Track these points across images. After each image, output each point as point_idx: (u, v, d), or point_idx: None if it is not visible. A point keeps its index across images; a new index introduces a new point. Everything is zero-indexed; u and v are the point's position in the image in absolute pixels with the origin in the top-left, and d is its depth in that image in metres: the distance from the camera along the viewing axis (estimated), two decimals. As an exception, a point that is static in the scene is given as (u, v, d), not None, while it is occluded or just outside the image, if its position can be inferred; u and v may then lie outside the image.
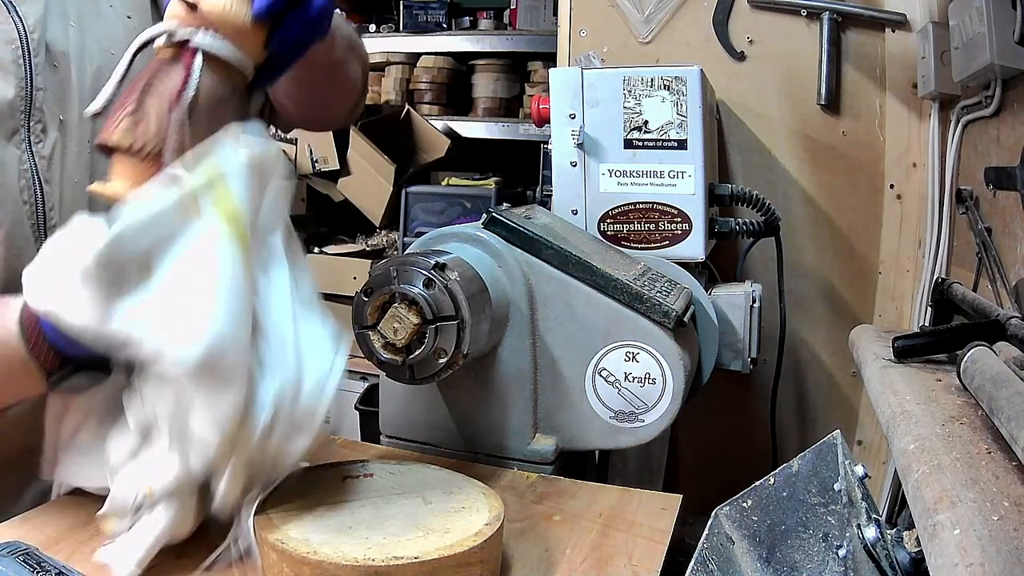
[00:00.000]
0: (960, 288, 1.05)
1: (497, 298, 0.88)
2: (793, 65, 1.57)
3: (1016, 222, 1.05)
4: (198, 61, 0.63)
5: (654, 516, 0.79)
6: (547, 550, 0.71)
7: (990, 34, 1.03)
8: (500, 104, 2.65)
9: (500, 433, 0.93)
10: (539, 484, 0.87)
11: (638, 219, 1.25)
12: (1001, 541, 0.45)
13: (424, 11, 2.68)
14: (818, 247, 1.61)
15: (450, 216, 2.34)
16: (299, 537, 0.60)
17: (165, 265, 0.60)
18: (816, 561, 0.64)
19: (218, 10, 0.63)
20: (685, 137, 1.23)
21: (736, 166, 1.63)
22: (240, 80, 0.67)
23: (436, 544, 0.60)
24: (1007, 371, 0.66)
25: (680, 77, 1.23)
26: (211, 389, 0.59)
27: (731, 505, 0.65)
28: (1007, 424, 0.58)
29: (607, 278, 0.91)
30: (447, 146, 2.50)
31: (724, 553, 0.61)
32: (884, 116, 1.54)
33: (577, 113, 1.26)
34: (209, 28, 0.64)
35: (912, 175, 1.53)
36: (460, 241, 0.92)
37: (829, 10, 1.52)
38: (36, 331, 0.64)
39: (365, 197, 2.48)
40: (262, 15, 0.65)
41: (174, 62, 0.64)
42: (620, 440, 0.93)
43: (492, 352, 0.92)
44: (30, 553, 0.58)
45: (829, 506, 0.66)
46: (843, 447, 0.67)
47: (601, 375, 0.92)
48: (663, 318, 0.90)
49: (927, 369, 0.87)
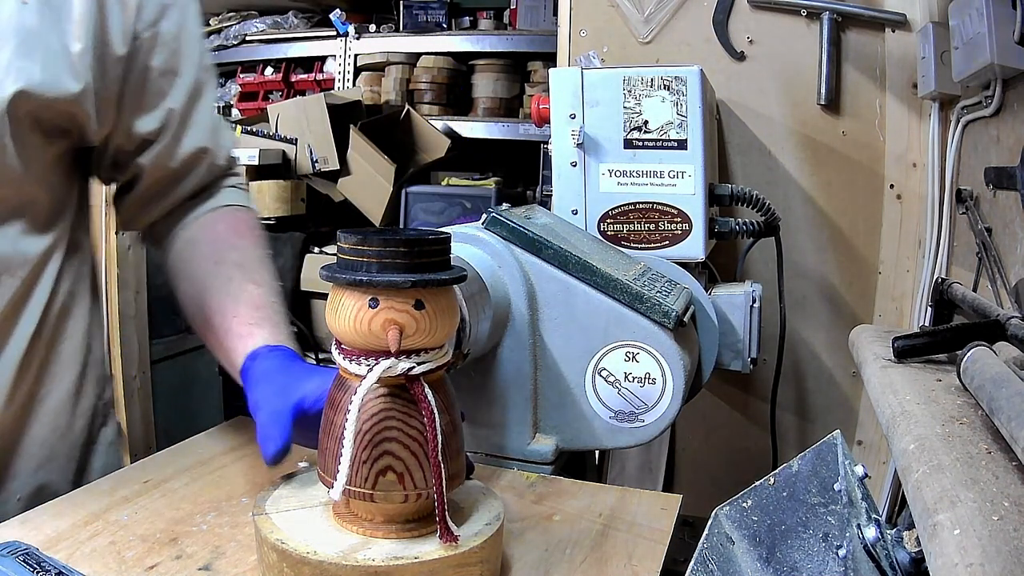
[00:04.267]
0: (960, 288, 1.05)
1: (497, 298, 0.88)
2: (793, 65, 1.57)
3: (1016, 222, 1.05)
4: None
5: (654, 516, 0.79)
6: (547, 550, 0.71)
7: (990, 34, 1.03)
8: (500, 104, 2.65)
9: (500, 433, 0.93)
10: (539, 484, 0.87)
11: (638, 219, 1.25)
12: (1001, 541, 0.45)
13: (424, 11, 2.68)
14: (818, 247, 1.61)
15: (450, 216, 2.35)
16: (299, 537, 0.60)
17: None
18: (816, 561, 0.64)
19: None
20: (685, 137, 1.23)
21: (736, 166, 1.63)
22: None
23: (436, 544, 0.60)
24: (1007, 371, 0.66)
25: (680, 77, 1.23)
26: None
27: (731, 505, 0.65)
28: (1007, 424, 0.58)
29: (607, 278, 0.91)
30: (447, 146, 2.51)
31: (724, 553, 0.61)
32: (884, 116, 1.55)
33: (577, 113, 1.26)
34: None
35: (912, 175, 1.53)
36: (460, 241, 0.92)
37: (829, 10, 1.52)
38: None
39: (365, 197, 2.48)
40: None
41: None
42: (620, 440, 0.93)
43: (492, 352, 0.92)
44: (30, 553, 0.58)
45: (829, 506, 0.66)
46: (843, 447, 0.67)
47: (601, 375, 0.92)
48: (663, 318, 0.90)
49: (927, 369, 0.87)
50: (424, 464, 0.60)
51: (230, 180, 0.98)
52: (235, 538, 0.70)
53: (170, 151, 0.88)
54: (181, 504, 0.76)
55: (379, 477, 0.59)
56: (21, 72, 0.72)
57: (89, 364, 0.92)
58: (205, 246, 0.90)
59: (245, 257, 0.89)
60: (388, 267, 0.58)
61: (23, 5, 0.73)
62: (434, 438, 0.59)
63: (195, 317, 0.88)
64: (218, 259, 0.88)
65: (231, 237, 0.91)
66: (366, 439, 0.59)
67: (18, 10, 0.73)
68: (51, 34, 0.74)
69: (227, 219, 0.93)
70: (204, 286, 0.86)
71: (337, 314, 0.59)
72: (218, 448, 0.90)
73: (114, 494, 0.77)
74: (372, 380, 0.58)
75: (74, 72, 0.76)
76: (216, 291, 0.85)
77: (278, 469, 0.69)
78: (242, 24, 2.98)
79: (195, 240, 0.91)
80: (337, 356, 0.61)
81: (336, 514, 0.64)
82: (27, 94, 0.73)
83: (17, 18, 0.73)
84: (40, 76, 0.73)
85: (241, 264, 0.87)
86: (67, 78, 0.76)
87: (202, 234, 0.91)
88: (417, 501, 0.61)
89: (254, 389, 0.74)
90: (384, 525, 0.62)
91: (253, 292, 0.85)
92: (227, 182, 0.97)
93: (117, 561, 0.65)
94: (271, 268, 0.90)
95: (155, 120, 0.86)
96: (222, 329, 0.82)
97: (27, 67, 0.73)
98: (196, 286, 0.87)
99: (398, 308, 0.58)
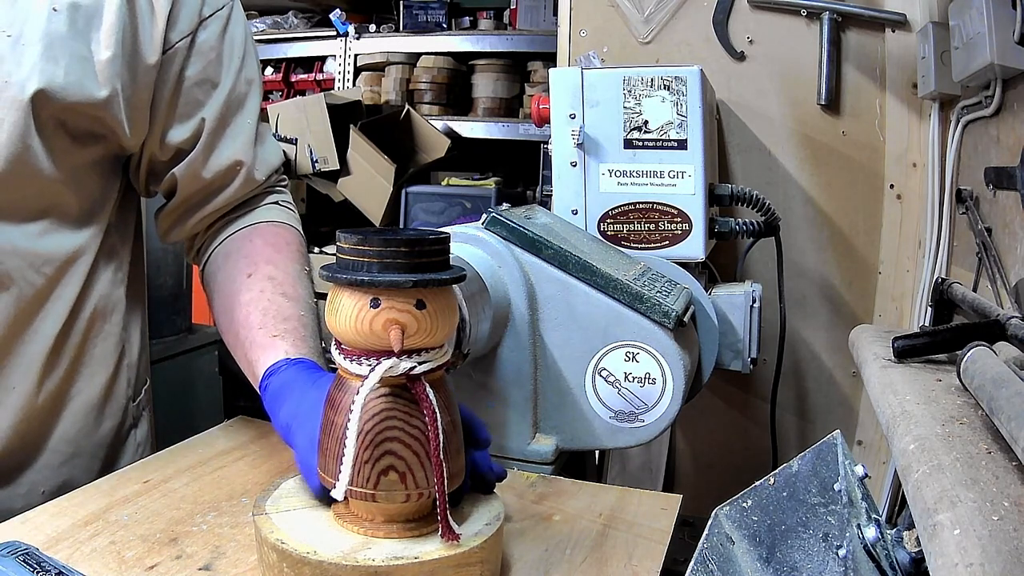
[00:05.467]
0: (960, 288, 1.05)
1: (497, 298, 0.88)
2: (793, 65, 1.57)
3: (1016, 222, 1.05)
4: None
5: (654, 516, 0.79)
6: (547, 550, 0.71)
7: (990, 34, 1.03)
8: (500, 104, 2.65)
9: (500, 433, 0.93)
10: (539, 484, 0.87)
11: (638, 219, 1.25)
12: (1001, 541, 0.45)
13: (424, 11, 2.68)
14: (818, 247, 1.61)
15: (450, 216, 2.35)
16: (299, 537, 0.60)
17: None
18: (816, 561, 0.64)
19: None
20: (685, 137, 1.23)
21: (736, 166, 1.63)
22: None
23: (436, 544, 0.60)
24: (1007, 371, 0.66)
25: (680, 77, 1.23)
26: None
27: (731, 505, 0.64)
28: (1007, 424, 0.58)
29: (607, 278, 0.91)
30: (447, 146, 2.51)
31: (724, 553, 0.61)
32: (884, 116, 1.55)
33: (577, 113, 1.26)
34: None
35: (912, 175, 1.53)
36: (460, 241, 0.92)
37: (829, 10, 1.52)
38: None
39: (365, 197, 2.48)
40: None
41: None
42: (620, 440, 0.93)
43: (492, 352, 0.92)
44: (30, 553, 0.58)
45: (829, 506, 0.66)
46: (843, 447, 0.67)
47: (601, 375, 0.92)
48: (663, 318, 0.90)
49: (927, 369, 0.87)
50: (426, 463, 0.60)
51: (273, 196, 0.97)
52: (235, 538, 0.70)
53: (202, 162, 0.88)
54: (181, 504, 0.76)
55: (381, 477, 0.59)
56: (43, 74, 0.73)
57: (122, 367, 0.93)
58: (240, 260, 0.89)
59: (279, 271, 0.87)
60: (389, 267, 0.58)
61: (54, 12, 0.74)
62: (436, 437, 0.59)
63: (226, 330, 0.87)
64: (251, 272, 0.87)
65: (267, 251, 0.90)
66: (368, 439, 0.59)
67: (48, 17, 0.74)
68: (79, 40, 0.75)
69: (265, 234, 0.92)
70: (235, 299, 0.85)
71: (337, 314, 0.59)
72: (218, 448, 0.90)
73: (114, 494, 0.77)
74: (375, 380, 0.58)
75: (101, 78, 0.77)
76: (245, 303, 0.84)
77: (277, 469, 0.69)
78: (242, 24, 2.98)
79: (230, 253, 0.90)
80: (337, 356, 0.61)
81: (336, 514, 0.64)
82: (48, 95, 0.74)
83: (47, 24, 0.74)
84: (63, 79, 0.74)
85: (273, 277, 0.86)
86: (92, 83, 0.76)
87: (238, 248, 0.90)
88: (419, 500, 0.61)
89: (280, 408, 0.72)
90: (385, 525, 0.62)
91: (282, 304, 0.83)
92: (270, 198, 0.97)
93: (117, 561, 0.65)
94: (307, 284, 0.89)
95: (187, 130, 0.86)
96: (247, 341, 0.81)
97: (50, 69, 0.74)
98: (227, 299, 0.87)
99: (400, 308, 0.58)
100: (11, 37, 0.73)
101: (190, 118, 0.86)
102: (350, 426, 0.58)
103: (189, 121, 0.86)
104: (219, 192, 0.91)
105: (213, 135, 0.87)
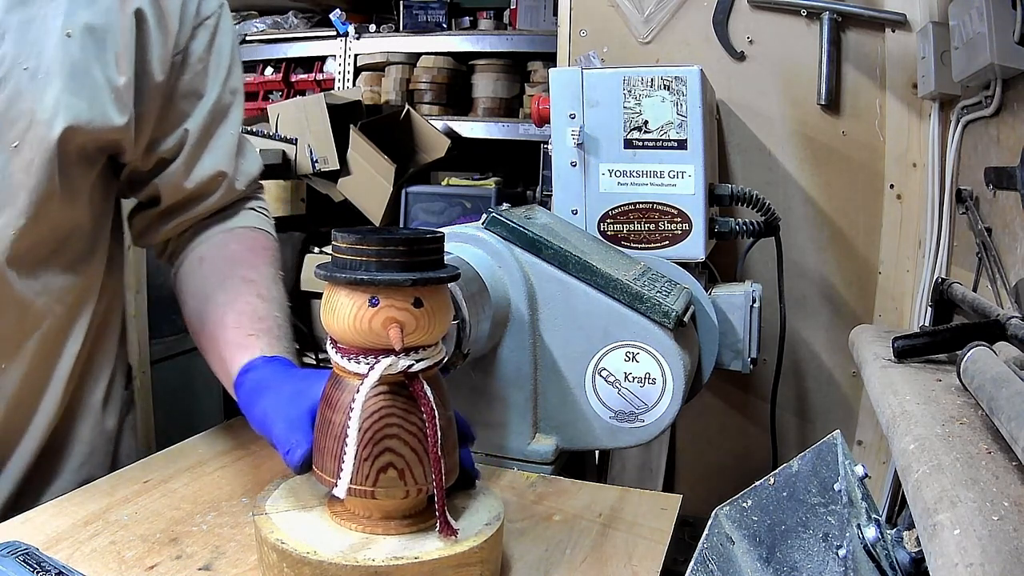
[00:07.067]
0: (960, 288, 1.05)
1: (497, 298, 0.88)
2: (793, 65, 1.57)
3: (1016, 222, 1.05)
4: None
5: (654, 516, 0.79)
6: (547, 550, 0.71)
7: (990, 34, 1.03)
8: (500, 104, 2.65)
9: (500, 433, 0.93)
10: (539, 484, 0.87)
11: (638, 219, 1.25)
12: (1001, 541, 0.45)
13: (424, 11, 2.68)
14: (818, 247, 1.61)
15: (450, 216, 2.35)
16: (299, 537, 0.60)
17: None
18: (816, 561, 0.64)
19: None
20: (685, 137, 1.23)
21: (736, 166, 1.63)
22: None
23: (436, 544, 0.60)
24: (1007, 371, 0.66)
25: (680, 77, 1.23)
26: None
27: (731, 505, 0.64)
28: (1007, 424, 0.58)
29: (607, 278, 0.91)
30: (447, 146, 2.51)
31: (724, 553, 0.61)
32: (884, 116, 1.55)
33: (577, 113, 1.26)
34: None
35: (912, 175, 1.53)
36: (460, 241, 0.92)
37: (829, 10, 1.52)
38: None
39: (365, 197, 2.48)
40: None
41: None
42: (620, 440, 0.93)
43: (492, 352, 0.92)
44: (30, 553, 0.58)
45: (829, 506, 0.66)
46: (843, 447, 0.67)
47: (601, 375, 0.92)
48: (663, 318, 0.90)
49: (927, 369, 0.87)
50: (424, 460, 0.60)
51: (250, 203, 0.97)
52: (235, 538, 0.70)
53: (185, 172, 0.87)
54: (181, 504, 0.76)
55: (380, 474, 0.59)
56: (69, 110, 0.73)
57: (118, 363, 0.94)
58: (215, 263, 0.89)
59: (255, 274, 0.87)
60: (388, 266, 0.58)
61: (68, 38, 0.73)
62: (434, 434, 0.59)
63: (197, 331, 0.87)
64: (225, 275, 0.87)
65: (243, 254, 0.90)
66: (367, 437, 0.59)
67: (63, 42, 0.73)
68: (95, 66, 0.75)
69: (241, 239, 0.92)
70: (209, 301, 0.85)
71: (335, 313, 0.59)
72: (218, 448, 0.90)
73: (114, 494, 0.77)
74: (375, 378, 0.58)
75: (120, 105, 0.77)
76: (220, 304, 0.84)
77: (277, 469, 0.69)
78: (242, 24, 2.98)
79: (205, 257, 0.90)
80: (334, 355, 0.61)
81: (333, 512, 0.64)
82: (76, 130, 0.74)
83: (63, 51, 0.73)
84: (88, 113, 0.74)
85: (250, 280, 0.86)
86: (113, 112, 0.76)
87: (213, 252, 0.90)
88: (417, 497, 0.61)
89: (257, 402, 0.72)
90: (383, 522, 0.62)
91: (256, 304, 0.83)
92: (247, 204, 0.97)
93: (117, 561, 0.65)
94: (281, 288, 0.89)
95: (171, 140, 0.86)
96: (221, 340, 0.81)
97: (75, 104, 0.73)
98: (200, 301, 0.86)
99: (398, 306, 0.58)
100: (28, 70, 0.71)
101: (175, 129, 0.85)
102: (351, 424, 0.58)
103: (174, 132, 0.85)
104: (200, 201, 0.90)
105: (197, 146, 0.87)
